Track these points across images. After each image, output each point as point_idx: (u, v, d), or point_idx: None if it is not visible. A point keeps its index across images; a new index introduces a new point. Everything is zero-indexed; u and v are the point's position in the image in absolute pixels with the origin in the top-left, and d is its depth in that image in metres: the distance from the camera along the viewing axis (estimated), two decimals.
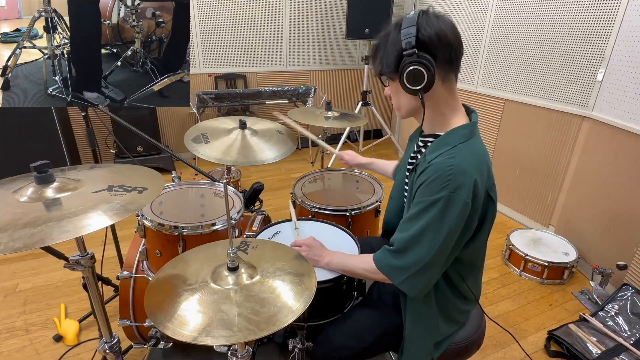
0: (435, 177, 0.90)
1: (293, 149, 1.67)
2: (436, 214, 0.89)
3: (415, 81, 0.90)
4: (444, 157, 0.92)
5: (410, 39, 0.88)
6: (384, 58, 0.95)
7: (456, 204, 0.87)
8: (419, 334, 1.09)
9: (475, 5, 3.10)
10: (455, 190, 0.87)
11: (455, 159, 0.90)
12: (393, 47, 0.92)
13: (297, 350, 1.26)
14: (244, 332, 0.76)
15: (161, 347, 1.48)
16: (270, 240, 1.20)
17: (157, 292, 0.89)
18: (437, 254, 0.92)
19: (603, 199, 2.30)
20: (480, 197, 0.91)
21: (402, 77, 0.91)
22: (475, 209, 0.91)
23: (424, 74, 0.89)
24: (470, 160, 0.91)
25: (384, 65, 0.95)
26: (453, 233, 0.91)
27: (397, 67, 0.92)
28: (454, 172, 0.88)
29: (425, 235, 0.91)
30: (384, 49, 0.95)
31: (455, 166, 0.88)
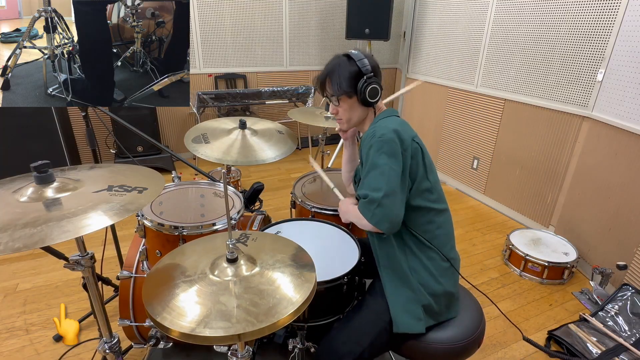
0: (365, 138, 1.19)
1: (293, 149, 1.68)
2: (373, 155, 1.12)
3: (373, 96, 1.21)
4: (369, 129, 1.21)
5: (367, 67, 1.21)
6: (342, 82, 1.21)
7: (385, 142, 1.11)
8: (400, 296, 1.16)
9: (475, 5, 3.10)
10: (380, 135, 1.12)
11: (377, 125, 1.19)
12: (349, 73, 1.20)
13: (297, 351, 1.26)
14: (243, 323, 0.75)
15: (161, 347, 1.48)
16: (270, 233, 1.20)
17: (156, 284, 0.89)
18: (389, 182, 1.09)
19: (603, 199, 2.30)
20: (406, 141, 1.13)
21: (363, 94, 1.20)
22: (405, 147, 1.12)
23: (379, 90, 1.22)
24: (389, 122, 1.18)
25: (343, 87, 1.21)
26: (392, 163, 1.10)
27: (354, 88, 1.21)
28: (377, 129, 1.15)
29: (373, 173, 1.11)
30: (338, 75, 1.21)
31: (377, 126, 1.17)
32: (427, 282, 1.17)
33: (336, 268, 1.23)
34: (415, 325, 1.14)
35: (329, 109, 1.32)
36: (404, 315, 1.15)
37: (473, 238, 2.81)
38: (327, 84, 1.27)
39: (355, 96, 1.22)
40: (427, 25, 3.70)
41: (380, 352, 1.19)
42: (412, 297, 1.16)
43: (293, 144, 1.71)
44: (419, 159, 1.16)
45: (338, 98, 1.24)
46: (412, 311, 1.15)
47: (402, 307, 1.15)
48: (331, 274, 1.20)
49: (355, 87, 1.21)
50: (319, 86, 1.32)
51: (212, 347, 1.32)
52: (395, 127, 1.14)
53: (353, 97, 1.23)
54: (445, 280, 1.20)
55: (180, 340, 0.76)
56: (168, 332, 0.75)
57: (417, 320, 1.15)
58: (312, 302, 0.85)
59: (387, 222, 1.09)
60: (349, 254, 1.33)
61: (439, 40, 3.57)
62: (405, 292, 1.16)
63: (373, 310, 1.20)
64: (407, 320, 1.14)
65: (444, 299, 1.20)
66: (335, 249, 1.37)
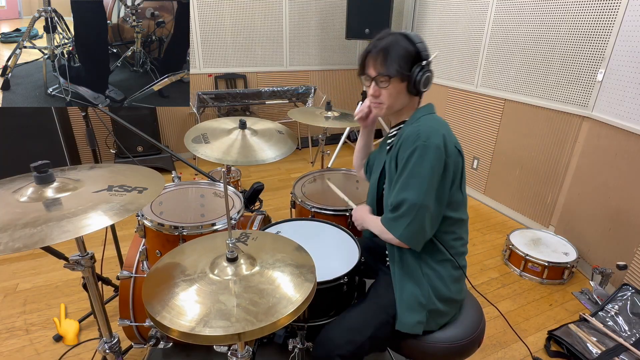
0: (408, 138, 1.08)
1: (293, 149, 1.68)
2: (415, 162, 1.04)
3: (426, 85, 1.10)
4: (412, 127, 1.10)
5: (426, 53, 1.09)
6: (400, 61, 1.06)
7: (430, 149, 1.02)
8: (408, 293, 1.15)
9: (475, 5, 3.10)
10: (426, 139, 1.03)
11: (421, 123, 1.11)
12: (407, 54, 1.07)
13: (297, 351, 1.26)
14: (242, 322, 0.75)
15: (161, 347, 1.48)
16: (270, 233, 1.20)
17: (155, 283, 0.89)
18: (425, 197, 1.03)
19: (603, 199, 2.30)
20: (450, 148, 1.05)
21: (418, 81, 1.08)
22: (449, 156, 1.05)
23: (431, 80, 1.11)
24: (434, 123, 1.10)
25: (400, 67, 1.07)
26: (434, 176, 1.03)
27: (409, 72, 1.08)
28: (422, 129, 1.06)
29: (410, 182, 1.05)
30: (397, 53, 1.06)
31: (422, 126, 1.08)
32: (437, 286, 1.15)
33: (336, 268, 1.23)
34: (415, 327, 1.14)
35: (369, 90, 1.15)
36: (408, 316, 1.14)
37: (473, 238, 2.81)
38: (380, 59, 1.09)
39: (407, 81, 1.09)
40: (427, 25, 3.70)
41: (378, 346, 1.19)
42: (421, 298, 1.14)
43: (293, 144, 1.71)
44: (458, 170, 1.09)
45: (389, 78, 1.08)
46: (417, 313, 1.14)
47: (409, 306, 1.14)
48: (331, 274, 1.20)
49: (410, 70, 1.08)
50: (363, 60, 1.14)
51: (212, 347, 1.32)
52: (443, 132, 1.05)
53: (405, 81, 1.09)
54: (455, 288, 1.19)
55: (180, 340, 0.76)
56: (168, 331, 0.75)
57: (417, 323, 1.14)
58: (312, 302, 0.85)
59: (415, 241, 1.08)
60: (349, 254, 1.33)
61: (439, 40, 3.57)
62: (415, 290, 1.15)
63: (379, 302, 1.19)
64: (409, 322, 1.14)
65: (451, 306, 1.19)
66: (335, 249, 1.37)
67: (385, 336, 1.17)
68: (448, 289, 1.17)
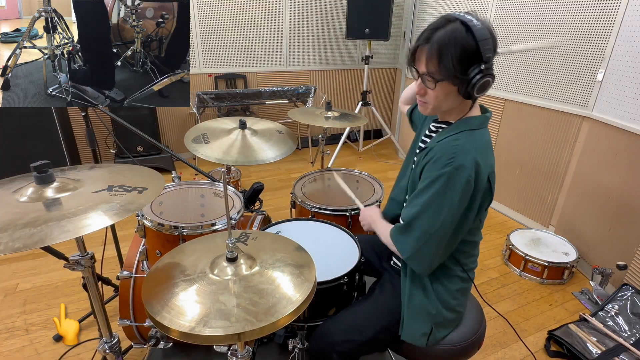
0: (440, 156, 0.97)
1: (293, 149, 1.68)
2: (439, 189, 0.95)
3: (482, 90, 0.95)
4: (450, 139, 1.00)
5: (490, 54, 0.91)
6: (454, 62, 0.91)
7: (459, 179, 0.93)
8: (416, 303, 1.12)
9: (475, 5, 3.10)
10: (458, 167, 0.93)
11: (460, 141, 0.98)
12: (464, 52, 0.90)
13: (297, 351, 1.26)
14: (242, 322, 0.75)
15: (161, 347, 1.48)
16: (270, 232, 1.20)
17: (155, 283, 0.89)
18: (441, 227, 0.97)
19: (603, 199, 2.30)
20: (482, 180, 0.96)
21: (472, 86, 0.92)
22: (478, 189, 0.96)
23: (489, 85, 0.95)
24: (474, 145, 0.97)
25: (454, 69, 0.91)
26: (455, 208, 0.95)
27: (464, 74, 0.92)
28: (458, 152, 0.95)
29: (429, 208, 0.97)
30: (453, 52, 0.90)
31: (460, 146, 0.96)
32: (445, 299, 1.13)
33: (336, 268, 1.23)
34: (419, 339, 1.12)
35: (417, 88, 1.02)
36: (415, 327, 1.12)
37: None
38: (432, 57, 0.93)
39: (459, 84, 0.94)
40: (427, 25, 3.69)
41: (378, 348, 1.19)
42: (430, 309, 1.12)
43: (293, 144, 1.71)
44: (485, 203, 1.02)
45: (437, 81, 0.95)
46: (424, 324, 1.12)
47: (417, 316, 1.12)
48: (331, 274, 1.20)
49: (466, 72, 0.92)
50: (413, 55, 0.99)
51: (212, 347, 1.32)
52: (478, 158, 0.94)
53: (457, 84, 0.95)
54: (461, 300, 1.18)
55: (180, 340, 0.76)
56: (168, 331, 0.75)
57: (422, 335, 1.12)
58: (312, 301, 0.85)
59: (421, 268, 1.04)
60: (349, 254, 1.33)
61: None
62: (423, 301, 1.12)
63: (384, 305, 1.18)
64: (414, 333, 1.12)
65: (457, 316, 1.18)
66: (335, 249, 1.37)
67: (386, 340, 1.17)
68: (455, 300, 1.15)
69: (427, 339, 1.12)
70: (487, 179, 0.98)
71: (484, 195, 1.00)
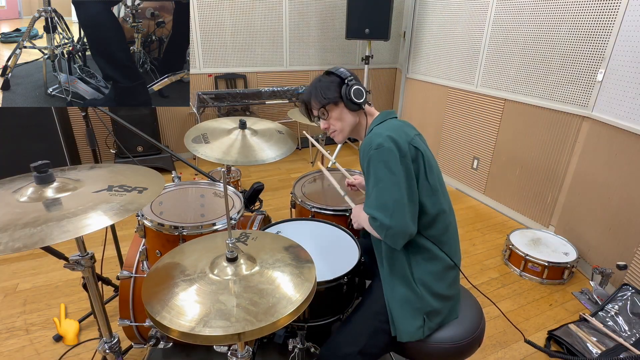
0: (361, 151, 1.16)
1: (293, 149, 1.68)
2: (373, 169, 1.09)
3: (359, 96, 1.21)
4: (364, 140, 1.17)
5: (345, 72, 1.24)
6: (325, 91, 1.22)
7: (381, 154, 1.07)
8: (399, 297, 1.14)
9: (475, 5, 3.10)
10: (377, 146, 1.08)
11: (372, 134, 1.16)
12: (330, 83, 1.23)
13: (297, 351, 1.26)
14: (242, 322, 0.75)
15: (161, 347, 1.48)
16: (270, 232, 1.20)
17: (155, 283, 0.89)
18: (394, 196, 1.06)
19: (603, 199, 2.30)
20: (403, 147, 1.09)
21: (349, 97, 1.20)
22: (403, 154, 1.08)
23: (363, 91, 1.22)
24: (385, 129, 1.14)
25: (327, 95, 1.22)
26: (394, 176, 1.07)
27: (339, 94, 1.22)
28: (371, 138, 1.12)
29: (376, 188, 1.09)
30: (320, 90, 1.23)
31: (373, 135, 1.13)
32: (430, 284, 1.15)
33: (336, 268, 1.23)
34: (416, 333, 1.13)
35: (322, 127, 1.30)
36: (407, 323, 1.12)
37: (473, 238, 2.81)
38: (313, 100, 1.27)
39: (342, 101, 1.23)
40: (427, 25, 3.70)
41: (379, 353, 1.18)
42: (414, 300, 1.13)
43: (293, 144, 1.71)
44: (419, 162, 1.13)
45: (326, 109, 1.24)
46: (414, 319, 1.13)
47: (404, 314, 1.13)
48: (331, 274, 1.20)
49: (339, 92, 1.22)
50: (305, 110, 1.31)
51: (212, 347, 1.32)
52: (389, 133, 1.10)
53: (340, 103, 1.23)
54: (449, 283, 1.18)
55: (180, 340, 0.76)
56: (168, 331, 0.75)
57: (418, 328, 1.13)
58: (312, 302, 0.85)
59: (401, 239, 1.09)
60: (349, 254, 1.33)
61: (439, 40, 3.57)
62: (405, 292, 1.14)
63: (369, 309, 1.19)
64: (409, 330, 1.12)
65: (447, 302, 1.19)
66: (335, 249, 1.37)
67: (384, 342, 1.17)
68: (441, 284, 1.16)
69: (422, 331, 1.13)
70: (408, 144, 1.11)
71: (414, 156, 1.11)
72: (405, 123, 1.23)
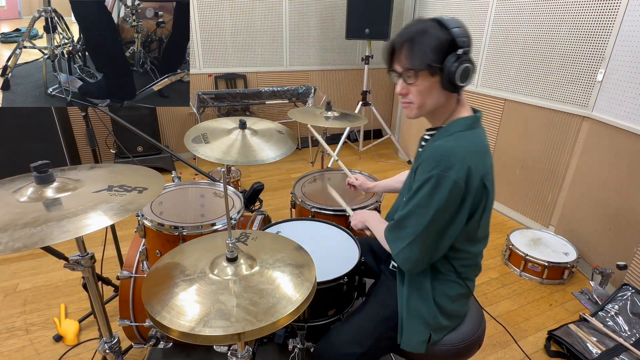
0: (429, 158, 0.97)
1: (293, 149, 1.68)
2: (427, 191, 0.95)
3: (464, 78, 0.94)
4: (440, 142, 0.99)
5: (464, 39, 0.92)
6: (427, 51, 0.92)
7: (446, 183, 0.92)
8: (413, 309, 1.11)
9: (475, 5, 3.10)
10: (445, 169, 0.92)
11: (449, 143, 0.97)
12: (438, 42, 0.92)
13: (297, 351, 1.26)
14: (242, 322, 0.75)
15: (161, 347, 1.48)
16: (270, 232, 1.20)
17: (155, 283, 0.89)
18: (427, 228, 0.97)
19: (603, 199, 2.30)
20: (473, 183, 0.94)
21: (452, 73, 0.92)
22: (469, 192, 0.94)
23: (470, 71, 0.94)
24: (466, 146, 0.96)
25: (427, 57, 0.92)
26: (442, 211, 0.95)
27: (441, 63, 0.93)
28: (446, 154, 0.94)
29: (417, 210, 0.98)
30: (423, 42, 0.93)
31: (449, 149, 0.95)
32: (445, 305, 1.12)
33: (336, 268, 1.23)
34: (418, 346, 1.11)
35: (397, 88, 1.02)
36: (413, 335, 1.11)
37: None
38: (404, 52, 0.96)
39: (440, 74, 0.95)
40: None
41: (380, 355, 1.18)
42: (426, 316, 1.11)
43: (293, 144, 1.71)
44: (481, 204, 0.99)
45: (416, 73, 0.95)
46: (421, 333, 1.11)
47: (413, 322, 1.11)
48: (331, 274, 1.20)
49: (442, 62, 0.93)
50: (389, 54, 1.01)
51: (212, 347, 1.32)
52: (469, 163, 0.92)
53: (436, 75, 0.95)
54: (462, 304, 1.18)
55: (180, 340, 0.76)
56: (167, 331, 0.75)
57: (421, 342, 1.11)
58: (312, 302, 0.85)
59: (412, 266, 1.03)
60: (349, 254, 1.33)
61: None
62: (421, 308, 1.11)
63: (378, 314, 1.17)
64: (413, 341, 1.11)
65: (455, 320, 1.18)
66: (335, 249, 1.37)
67: (387, 346, 1.17)
68: (453, 305, 1.14)
69: (425, 346, 1.12)
70: (480, 181, 0.96)
71: (478, 198, 0.97)
72: (486, 144, 1.04)
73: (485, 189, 0.98)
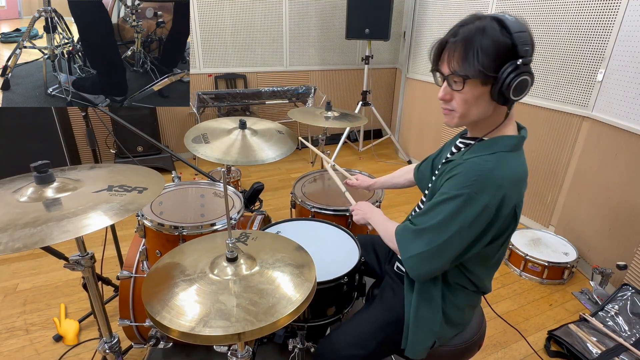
0: (464, 174, 0.89)
1: (293, 149, 1.68)
2: (456, 208, 0.88)
3: (518, 92, 0.85)
4: (480, 159, 0.90)
5: (527, 48, 0.82)
6: (482, 57, 0.81)
7: (475, 205, 0.86)
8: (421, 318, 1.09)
9: (475, 5, 3.10)
10: (478, 192, 0.85)
11: (490, 164, 0.88)
12: (497, 47, 0.81)
13: (297, 351, 1.26)
14: (242, 322, 0.75)
15: (161, 347, 1.48)
16: (270, 232, 1.20)
17: (155, 283, 0.89)
18: (444, 244, 0.91)
19: (603, 199, 2.30)
20: (505, 211, 0.88)
21: (507, 86, 0.82)
22: (498, 217, 0.88)
23: (529, 84, 0.85)
24: (506, 171, 0.88)
25: (482, 64, 0.81)
26: (464, 232, 0.89)
27: (496, 72, 0.82)
28: (484, 175, 0.86)
29: (441, 223, 0.91)
30: (480, 45, 0.81)
31: (487, 170, 0.87)
32: (453, 315, 1.11)
33: (336, 268, 1.23)
34: (420, 353, 1.11)
35: (440, 92, 0.92)
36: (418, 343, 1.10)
37: None
38: (457, 54, 0.85)
39: (492, 84, 0.84)
40: (427, 25, 3.70)
41: (381, 358, 1.18)
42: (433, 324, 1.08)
43: (293, 144, 1.71)
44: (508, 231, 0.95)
45: (465, 80, 0.85)
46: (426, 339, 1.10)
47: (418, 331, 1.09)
48: (331, 274, 1.20)
49: (497, 70, 0.82)
50: (439, 52, 0.90)
51: (212, 347, 1.32)
52: (506, 188, 0.86)
53: (488, 84, 0.84)
54: (468, 313, 1.16)
55: (180, 340, 0.76)
56: (168, 331, 0.75)
57: (425, 349, 1.11)
58: (312, 302, 0.85)
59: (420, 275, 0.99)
60: (349, 254, 1.33)
61: None
62: (429, 317, 1.08)
63: (383, 318, 1.16)
64: (418, 349, 1.10)
65: (459, 328, 1.17)
66: (335, 249, 1.37)
67: (390, 349, 1.16)
68: (460, 315, 1.13)
69: (427, 352, 1.11)
70: (512, 210, 0.90)
71: (506, 225, 0.92)
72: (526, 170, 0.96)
73: (515, 216, 0.92)
